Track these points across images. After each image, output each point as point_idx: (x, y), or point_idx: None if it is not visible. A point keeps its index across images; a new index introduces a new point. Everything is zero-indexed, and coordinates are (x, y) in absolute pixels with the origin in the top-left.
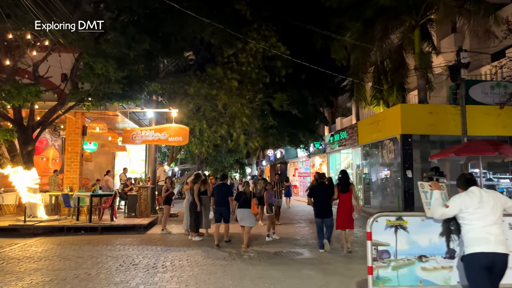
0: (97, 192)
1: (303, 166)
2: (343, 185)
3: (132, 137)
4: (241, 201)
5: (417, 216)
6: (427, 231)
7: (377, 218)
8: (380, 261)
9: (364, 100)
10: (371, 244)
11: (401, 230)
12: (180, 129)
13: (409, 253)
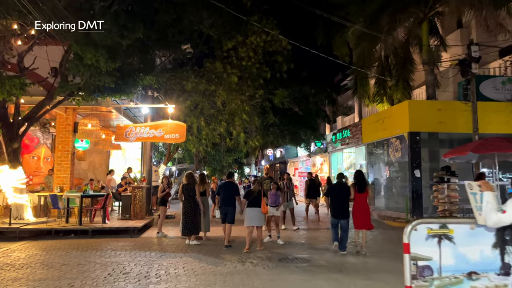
0: (88, 192)
1: (303, 166)
2: (360, 185)
3: (126, 134)
4: (250, 200)
5: (465, 223)
6: (478, 242)
7: (416, 226)
8: (421, 279)
9: (368, 97)
10: (409, 259)
11: (446, 240)
12: (177, 125)
13: (456, 269)
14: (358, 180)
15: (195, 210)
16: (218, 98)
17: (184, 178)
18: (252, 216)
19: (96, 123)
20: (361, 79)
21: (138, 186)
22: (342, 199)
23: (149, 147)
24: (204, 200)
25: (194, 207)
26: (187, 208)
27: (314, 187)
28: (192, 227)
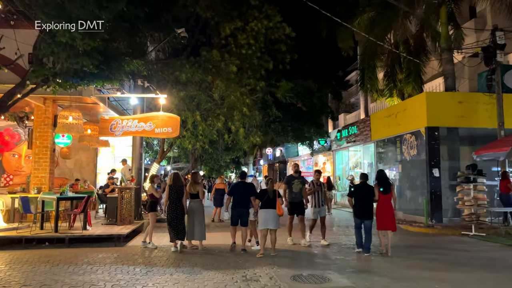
0: (67, 194)
1: (305, 165)
2: (384, 185)
3: (111, 128)
4: (265, 201)
5: None
6: None
7: None
8: None
9: (376, 91)
10: None
11: None
12: (170, 118)
13: None
14: (381, 181)
15: (181, 214)
16: (215, 90)
17: (169, 178)
18: (268, 218)
19: (78, 116)
20: (369, 71)
21: (126, 187)
22: (367, 200)
23: (139, 143)
24: (197, 203)
25: (182, 210)
26: (173, 212)
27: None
28: (178, 232)
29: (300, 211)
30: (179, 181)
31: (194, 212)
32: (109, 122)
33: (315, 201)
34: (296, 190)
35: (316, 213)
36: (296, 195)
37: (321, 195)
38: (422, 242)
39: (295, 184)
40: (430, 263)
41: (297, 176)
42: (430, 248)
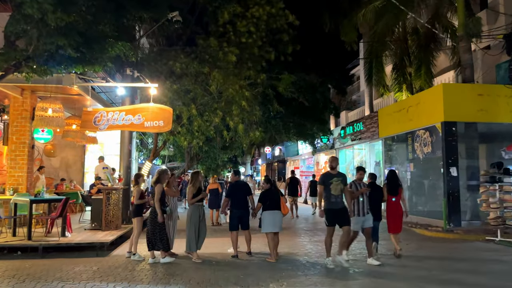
0: (43, 195)
1: (305, 165)
2: (393, 186)
3: (95, 121)
4: (271, 201)
5: None
6: None
7: None
8: None
9: (384, 85)
10: None
11: None
12: (161, 110)
13: None
14: (391, 181)
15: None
16: (212, 82)
17: (154, 176)
18: (276, 221)
19: (59, 108)
20: (377, 64)
21: (112, 187)
22: (376, 201)
23: (128, 139)
24: (201, 208)
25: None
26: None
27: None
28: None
29: (344, 221)
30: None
31: (196, 217)
32: (93, 115)
33: (358, 208)
34: (337, 193)
35: (359, 223)
36: (337, 200)
37: (365, 199)
38: (446, 250)
39: (334, 185)
40: (467, 278)
41: (335, 173)
42: (458, 260)
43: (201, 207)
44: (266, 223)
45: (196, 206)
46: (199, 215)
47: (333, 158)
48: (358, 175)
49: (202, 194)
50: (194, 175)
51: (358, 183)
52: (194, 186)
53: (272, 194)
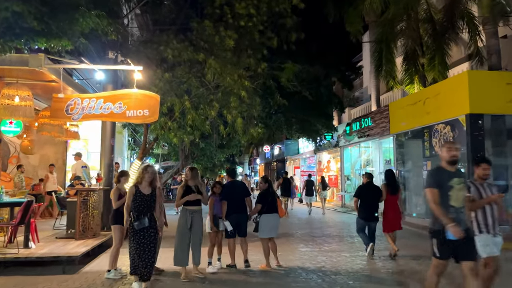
0: (1, 199)
1: (306, 164)
2: (392, 186)
3: (67, 110)
4: (269, 204)
5: None
6: None
7: None
8: None
9: (393, 78)
10: None
11: None
12: (146, 97)
13: None
14: (390, 181)
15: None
16: (208, 71)
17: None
18: (274, 225)
19: (27, 96)
20: (388, 53)
21: (89, 188)
22: (374, 201)
23: (110, 131)
24: (199, 214)
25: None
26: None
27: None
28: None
29: (469, 252)
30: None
31: (183, 225)
32: (64, 102)
33: (486, 222)
34: (460, 203)
35: (490, 246)
36: (459, 215)
37: (494, 210)
38: None
39: (456, 190)
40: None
41: (455, 171)
42: None
43: (191, 212)
44: (265, 227)
45: (185, 210)
46: (187, 222)
47: (451, 144)
48: (480, 171)
49: (192, 195)
50: (189, 172)
51: (481, 184)
52: (183, 185)
53: (270, 195)
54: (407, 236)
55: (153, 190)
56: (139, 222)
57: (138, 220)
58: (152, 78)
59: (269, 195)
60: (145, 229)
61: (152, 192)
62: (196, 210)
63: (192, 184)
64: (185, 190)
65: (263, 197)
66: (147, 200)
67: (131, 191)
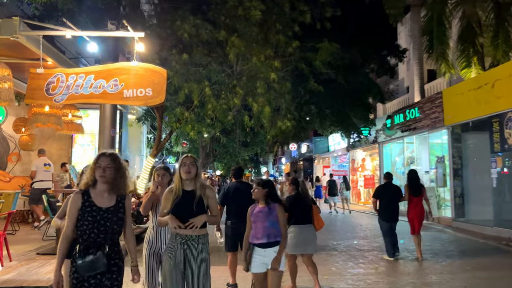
0: None
1: (337, 163)
2: (415, 187)
3: (48, 89)
4: (300, 212)
5: None
6: None
7: None
8: None
9: (446, 61)
10: None
11: None
12: (149, 72)
13: None
14: (413, 181)
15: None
16: (230, 51)
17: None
18: (306, 238)
19: (7, 75)
20: (439, 34)
21: (71, 190)
22: (395, 201)
23: (109, 117)
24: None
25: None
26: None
27: None
28: None
29: None
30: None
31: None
32: (45, 79)
33: None
34: None
35: None
36: None
37: None
38: None
39: None
40: None
41: None
42: None
43: (184, 242)
44: (291, 240)
45: (173, 237)
46: (176, 259)
47: None
48: None
49: (169, 219)
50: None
51: None
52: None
53: (302, 201)
54: (473, 249)
55: (119, 201)
56: (86, 262)
57: (84, 257)
58: (167, 60)
59: (300, 201)
60: (99, 276)
61: (117, 204)
62: (194, 237)
63: (188, 188)
64: (174, 203)
65: (292, 204)
66: (105, 219)
67: (72, 202)
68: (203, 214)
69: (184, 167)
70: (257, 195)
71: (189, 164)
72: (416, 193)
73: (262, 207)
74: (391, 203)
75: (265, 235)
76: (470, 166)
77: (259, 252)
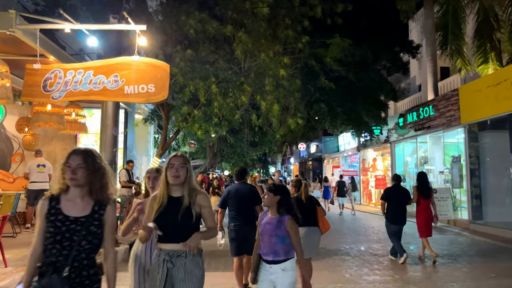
0: None
1: (347, 163)
2: (424, 190)
3: (46, 86)
4: (304, 215)
5: None
6: None
7: None
8: None
9: (462, 57)
10: None
11: None
12: (151, 67)
13: None
14: (422, 184)
15: None
16: (237, 47)
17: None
18: (311, 242)
19: (5, 72)
20: (454, 28)
21: None
22: (402, 204)
23: (111, 116)
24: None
25: None
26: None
27: None
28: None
29: None
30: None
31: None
32: (42, 75)
33: None
34: None
35: None
36: None
37: None
38: None
39: None
40: None
41: None
42: None
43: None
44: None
45: (158, 253)
46: (159, 278)
47: None
48: None
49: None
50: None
51: None
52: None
53: (303, 203)
54: (494, 253)
55: (96, 211)
56: (39, 286)
57: (39, 280)
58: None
59: (302, 203)
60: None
61: (91, 215)
62: (181, 252)
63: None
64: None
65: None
66: (71, 232)
67: (39, 209)
68: (191, 228)
69: (172, 170)
70: (267, 202)
71: (178, 166)
72: (425, 195)
73: (271, 218)
74: (399, 205)
75: (271, 251)
76: (488, 166)
77: (265, 267)
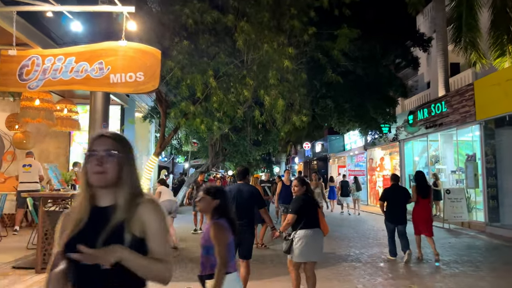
0: None
1: (353, 162)
2: (423, 189)
3: (22, 74)
4: (307, 215)
5: None
6: None
7: None
8: None
9: (477, 49)
10: None
11: None
12: (139, 53)
13: None
14: (421, 183)
15: None
16: (239, 37)
17: None
18: (316, 245)
19: None
20: (468, 19)
21: (54, 194)
22: (401, 203)
23: (101, 108)
24: None
25: None
26: None
27: None
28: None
29: None
30: None
31: None
32: (18, 62)
33: None
34: None
35: None
36: None
37: None
38: None
39: None
40: None
41: None
42: None
43: None
44: (302, 247)
45: None
46: None
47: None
48: None
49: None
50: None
51: None
52: None
53: (310, 203)
54: None
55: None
56: None
57: None
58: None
59: (309, 203)
60: None
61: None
62: None
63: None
64: (72, 234)
65: (301, 206)
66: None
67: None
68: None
69: (93, 162)
70: (202, 207)
71: (103, 154)
72: (424, 194)
73: (207, 225)
74: (398, 205)
75: (201, 264)
76: (505, 164)
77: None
